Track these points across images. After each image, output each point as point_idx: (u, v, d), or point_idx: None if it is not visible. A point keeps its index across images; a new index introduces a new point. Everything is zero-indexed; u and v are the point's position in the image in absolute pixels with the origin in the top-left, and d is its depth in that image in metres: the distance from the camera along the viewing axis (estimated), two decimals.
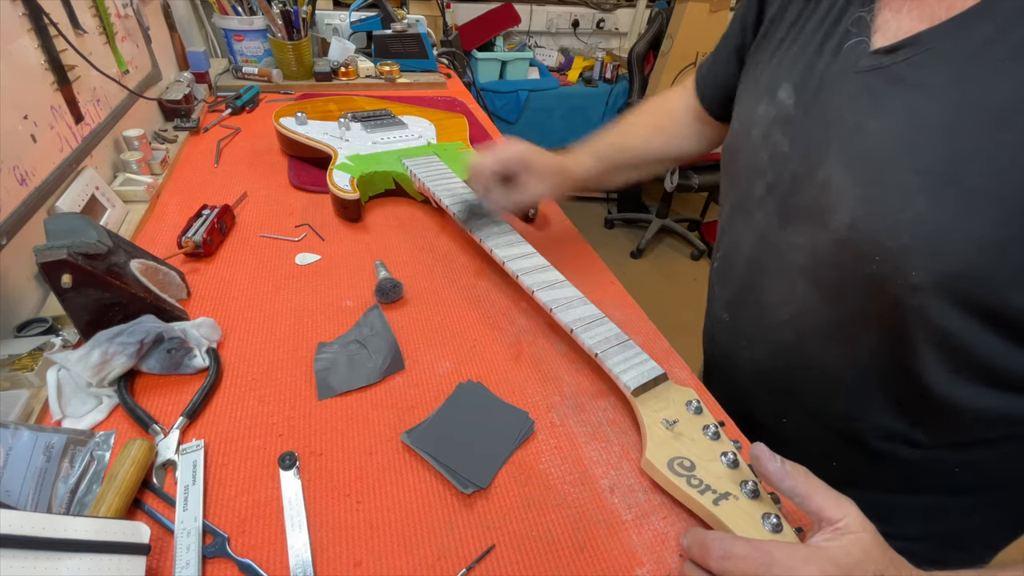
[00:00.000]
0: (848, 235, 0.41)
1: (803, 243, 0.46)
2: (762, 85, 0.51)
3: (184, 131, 0.94)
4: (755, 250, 0.52)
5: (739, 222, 0.54)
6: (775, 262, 0.50)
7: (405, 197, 0.81)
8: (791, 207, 0.47)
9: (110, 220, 0.67)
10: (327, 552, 0.37)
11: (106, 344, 0.45)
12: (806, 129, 0.45)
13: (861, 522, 0.34)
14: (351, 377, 0.50)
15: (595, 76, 2.52)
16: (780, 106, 0.47)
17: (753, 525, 0.36)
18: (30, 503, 0.37)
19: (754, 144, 0.50)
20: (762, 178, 0.50)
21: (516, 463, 0.44)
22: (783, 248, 0.48)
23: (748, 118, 0.52)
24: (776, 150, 0.48)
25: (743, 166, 0.53)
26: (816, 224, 0.44)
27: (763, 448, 0.36)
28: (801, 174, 0.45)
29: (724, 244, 0.58)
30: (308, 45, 1.20)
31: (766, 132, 0.49)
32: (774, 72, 0.49)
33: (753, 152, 0.51)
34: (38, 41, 0.63)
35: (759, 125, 0.50)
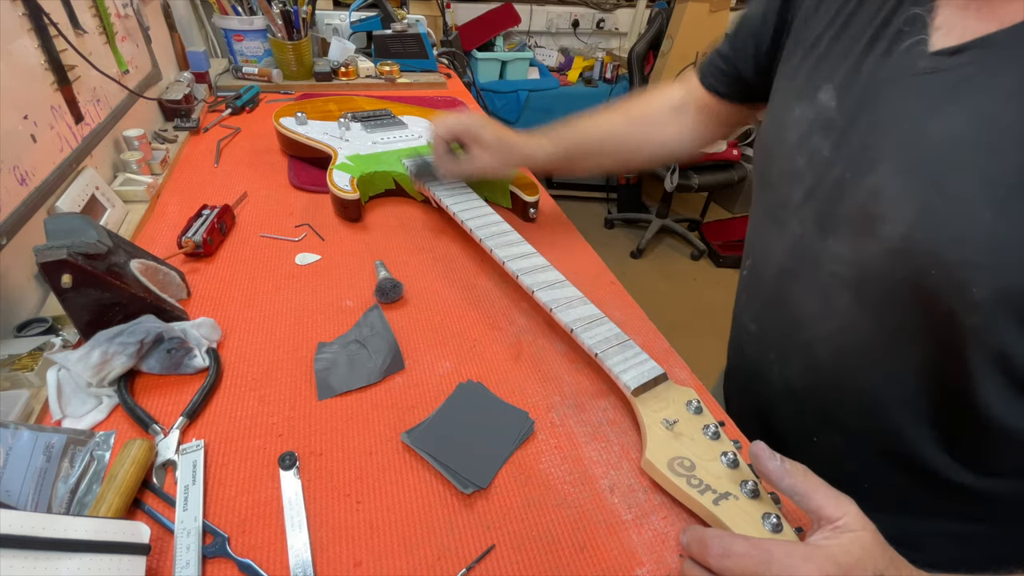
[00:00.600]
0: (902, 246, 0.39)
1: (846, 254, 0.43)
2: (797, 85, 0.48)
3: (184, 131, 0.94)
4: (789, 259, 0.49)
5: (771, 229, 0.52)
6: (812, 273, 0.47)
7: (405, 197, 0.81)
8: (833, 215, 0.44)
9: (110, 220, 0.67)
10: (327, 552, 0.37)
11: (106, 344, 0.45)
12: (852, 133, 0.43)
13: (861, 520, 0.33)
14: (351, 377, 0.50)
15: (595, 76, 2.52)
16: (821, 108, 0.45)
17: (753, 525, 0.36)
18: (30, 503, 0.37)
19: (789, 148, 0.48)
20: (799, 184, 0.47)
21: (516, 463, 0.44)
22: (822, 258, 0.46)
23: (782, 120, 0.49)
24: (816, 154, 0.45)
25: (777, 170, 0.50)
26: (863, 234, 0.42)
27: (762, 446, 0.36)
28: (846, 181, 0.43)
29: (755, 252, 0.56)
30: (308, 45, 1.20)
31: (804, 135, 0.46)
32: (812, 72, 0.47)
33: (788, 156, 0.48)
34: (38, 41, 0.63)
35: (796, 128, 0.47)
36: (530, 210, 0.76)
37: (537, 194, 0.75)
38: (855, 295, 0.44)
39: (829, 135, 0.44)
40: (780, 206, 0.50)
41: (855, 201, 0.42)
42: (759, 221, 0.55)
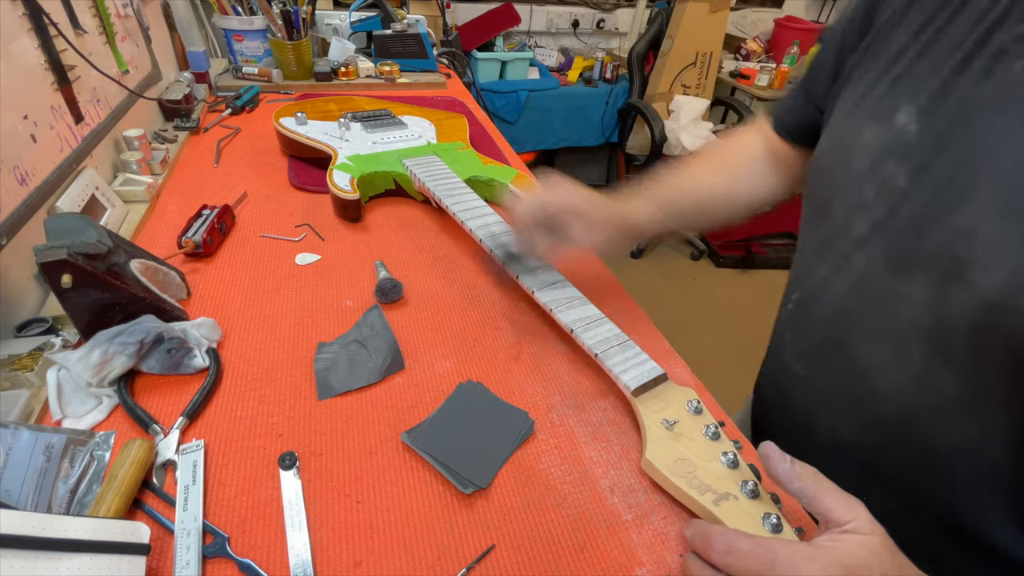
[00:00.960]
0: (1000, 297, 0.34)
1: (924, 299, 0.39)
2: (869, 104, 0.43)
3: (184, 131, 0.94)
4: (848, 299, 0.44)
5: (826, 263, 0.47)
6: (877, 317, 0.42)
7: (405, 197, 0.81)
8: (908, 254, 0.39)
9: (110, 220, 0.67)
10: (327, 552, 0.37)
11: (106, 344, 0.45)
12: (936, 163, 0.38)
13: (871, 525, 0.33)
14: (351, 377, 0.50)
15: (595, 76, 2.52)
16: (897, 132, 0.40)
17: (753, 525, 0.36)
18: (30, 503, 0.37)
19: (855, 174, 0.43)
20: (865, 215, 0.42)
21: (516, 463, 0.44)
22: (892, 301, 0.41)
23: (847, 142, 0.44)
24: (889, 183, 0.40)
25: (838, 198, 0.45)
26: (948, 278, 0.37)
27: (772, 447, 0.35)
28: (927, 216, 0.38)
29: (803, 286, 0.50)
30: (308, 45, 1.20)
31: (875, 162, 0.41)
32: (889, 91, 0.42)
33: (853, 183, 0.43)
34: (38, 41, 0.63)
35: (864, 152, 0.42)
36: None
37: None
38: (933, 347, 0.39)
39: (906, 163, 0.39)
40: (839, 237, 0.45)
41: (939, 240, 0.37)
42: (811, 252, 0.49)
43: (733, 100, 2.54)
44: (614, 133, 2.58)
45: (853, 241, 0.44)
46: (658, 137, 2.23)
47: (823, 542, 0.32)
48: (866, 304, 0.43)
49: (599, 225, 0.53)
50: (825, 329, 0.47)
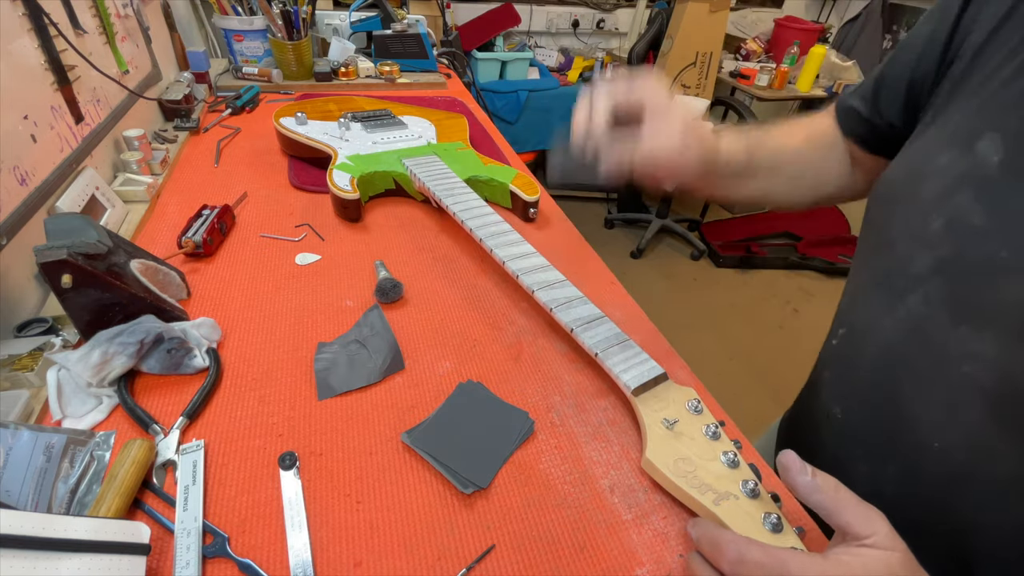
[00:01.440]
0: None
1: (989, 354, 0.34)
2: (950, 130, 0.39)
3: (184, 131, 0.94)
4: (903, 342, 0.40)
5: (880, 298, 0.43)
6: (934, 367, 0.38)
7: (405, 197, 0.81)
8: (974, 301, 0.35)
9: (110, 220, 0.67)
10: (327, 552, 0.37)
11: (106, 344, 0.45)
12: (1013, 198, 0.34)
13: (892, 540, 0.31)
14: (351, 377, 0.50)
15: (595, 76, 2.52)
16: (978, 162, 0.36)
17: (753, 525, 0.36)
18: (30, 503, 0.37)
19: (923, 203, 0.39)
20: (927, 250, 0.38)
21: (516, 463, 0.44)
22: (951, 352, 0.37)
23: (920, 168, 0.40)
24: (960, 218, 0.36)
25: (899, 228, 0.41)
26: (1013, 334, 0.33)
27: (793, 457, 0.33)
28: (1007, 263, 0.34)
29: (852, 321, 0.46)
30: (308, 45, 1.20)
31: (947, 191, 0.37)
32: (975, 116, 0.37)
33: (920, 213, 0.39)
34: (38, 41, 0.63)
35: (937, 180, 0.38)
36: (530, 210, 0.76)
37: (537, 194, 0.75)
38: (993, 409, 0.35)
39: (983, 197, 0.35)
40: (897, 272, 0.41)
41: (1015, 292, 0.33)
42: (863, 285, 0.46)
43: (733, 100, 2.54)
44: None
45: (911, 277, 0.39)
46: None
47: (838, 554, 0.31)
48: (921, 351, 0.39)
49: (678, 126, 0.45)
50: (872, 373, 0.43)
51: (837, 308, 0.50)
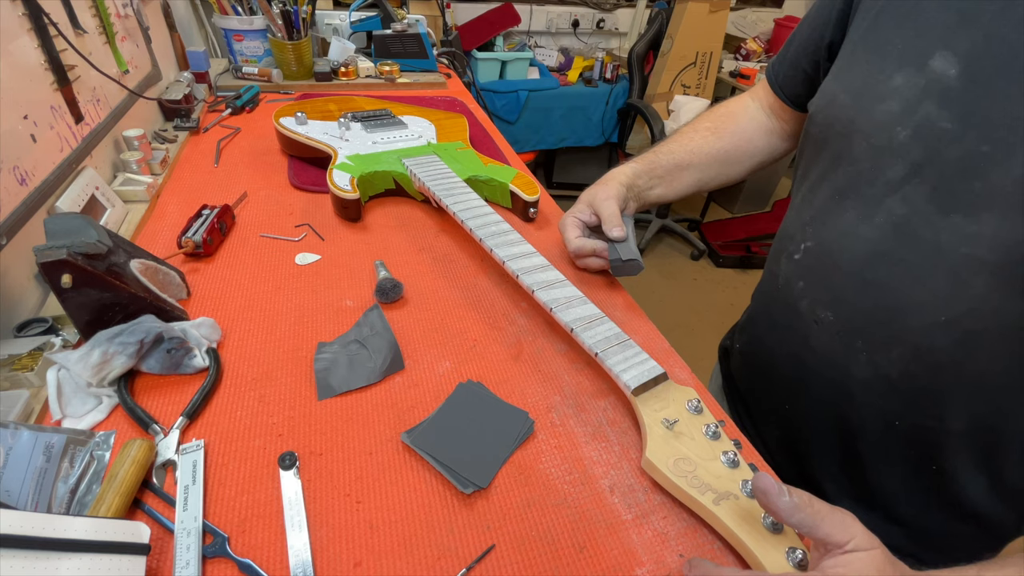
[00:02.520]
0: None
1: (989, 234, 0.39)
2: (894, 53, 0.44)
3: (184, 131, 0.94)
4: (885, 242, 0.45)
5: (850, 209, 0.47)
6: (926, 256, 0.43)
7: (405, 197, 0.81)
8: (962, 192, 0.40)
9: (110, 220, 0.67)
10: (327, 552, 0.37)
11: (106, 344, 0.45)
12: (989, 104, 0.39)
13: (868, 539, 0.33)
14: (351, 377, 0.50)
15: (595, 76, 2.52)
16: (934, 77, 0.41)
17: (753, 525, 0.36)
18: (30, 503, 0.37)
19: (883, 120, 0.44)
20: (899, 159, 0.43)
21: (516, 463, 0.44)
22: (943, 239, 0.42)
23: (871, 90, 0.45)
24: (928, 127, 0.41)
25: (858, 144, 0.46)
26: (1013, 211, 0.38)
27: (770, 482, 0.34)
28: (987, 156, 0.39)
29: (819, 235, 0.51)
30: (308, 45, 1.20)
31: (909, 106, 0.42)
32: (915, 39, 0.43)
33: (883, 129, 0.44)
34: (38, 41, 0.63)
35: (895, 98, 0.43)
36: (530, 210, 0.76)
37: (537, 194, 0.75)
38: (998, 279, 0.40)
39: (950, 106, 0.40)
40: (866, 183, 0.46)
41: (1007, 176, 0.38)
42: (826, 201, 0.50)
43: None
44: (614, 133, 2.58)
45: (883, 185, 0.44)
46: (658, 137, 2.23)
47: (830, 568, 0.32)
48: (908, 246, 0.43)
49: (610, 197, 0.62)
50: (858, 274, 0.47)
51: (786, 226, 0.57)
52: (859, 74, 0.48)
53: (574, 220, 0.64)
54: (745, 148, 0.68)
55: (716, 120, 0.70)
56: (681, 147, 0.69)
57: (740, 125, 0.68)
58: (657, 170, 0.68)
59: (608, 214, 0.61)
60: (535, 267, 0.57)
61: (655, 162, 0.68)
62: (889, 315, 0.46)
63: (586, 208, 0.64)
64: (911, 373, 0.47)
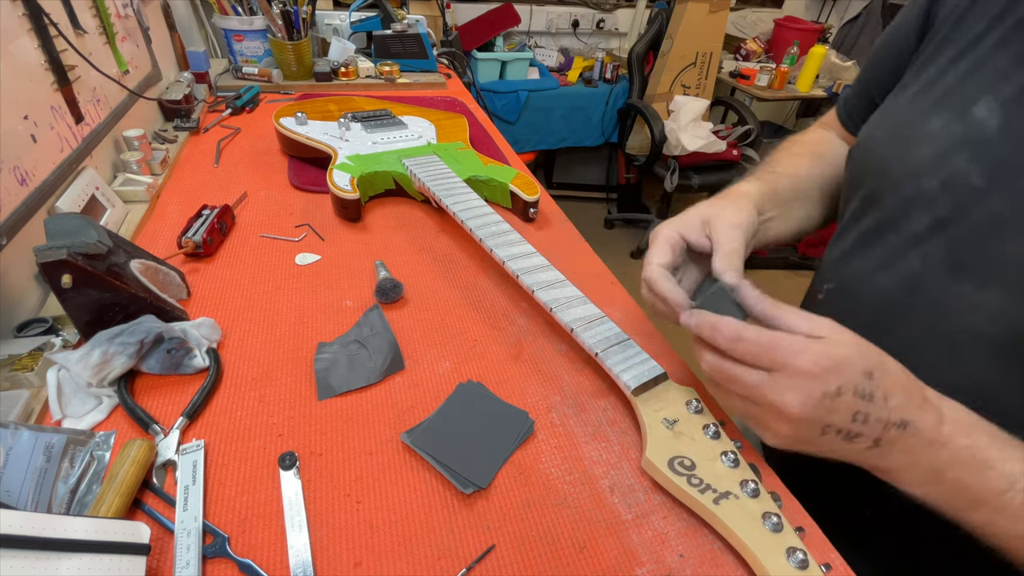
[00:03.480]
0: None
1: (994, 307, 0.37)
2: (937, 94, 0.41)
3: (184, 131, 0.94)
4: (898, 294, 0.43)
5: (872, 256, 0.45)
6: (929, 317, 0.41)
7: (405, 197, 0.81)
8: (976, 258, 0.38)
9: (110, 220, 0.67)
10: (327, 552, 0.37)
11: (106, 344, 0.45)
12: (1012, 159, 0.36)
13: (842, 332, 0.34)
14: (351, 377, 0.50)
15: (595, 76, 2.52)
16: (974, 125, 0.37)
17: (753, 524, 0.36)
18: (30, 503, 0.37)
19: (915, 167, 0.41)
20: (925, 210, 0.40)
21: (516, 463, 0.44)
22: (950, 304, 0.39)
23: (909, 131, 0.42)
24: (958, 179, 0.38)
25: (890, 190, 0.43)
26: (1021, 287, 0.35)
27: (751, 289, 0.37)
28: (1009, 221, 0.36)
29: (840, 274, 0.49)
30: (308, 45, 1.20)
31: (943, 154, 0.39)
32: (963, 80, 0.39)
33: (913, 176, 0.41)
34: (38, 41, 0.63)
35: (931, 143, 0.40)
36: (530, 210, 0.76)
37: (537, 194, 0.75)
38: (999, 356, 0.37)
39: (982, 159, 0.37)
40: (891, 231, 0.43)
41: (1019, 247, 0.35)
42: (853, 242, 0.48)
43: (733, 100, 2.54)
44: (614, 133, 2.58)
45: (907, 235, 0.42)
46: (658, 137, 2.23)
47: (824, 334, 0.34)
48: (918, 303, 0.41)
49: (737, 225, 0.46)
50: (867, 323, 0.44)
51: (819, 265, 0.54)
52: (900, 112, 0.44)
53: (674, 236, 0.46)
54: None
55: (808, 146, 0.59)
56: (794, 170, 0.56)
57: (833, 150, 0.58)
58: (779, 196, 0.53)
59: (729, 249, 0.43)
60: (535, 267, 0.58)
61: (776, 185, 0.54)
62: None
63: (699, 225, 0.46)
64: None
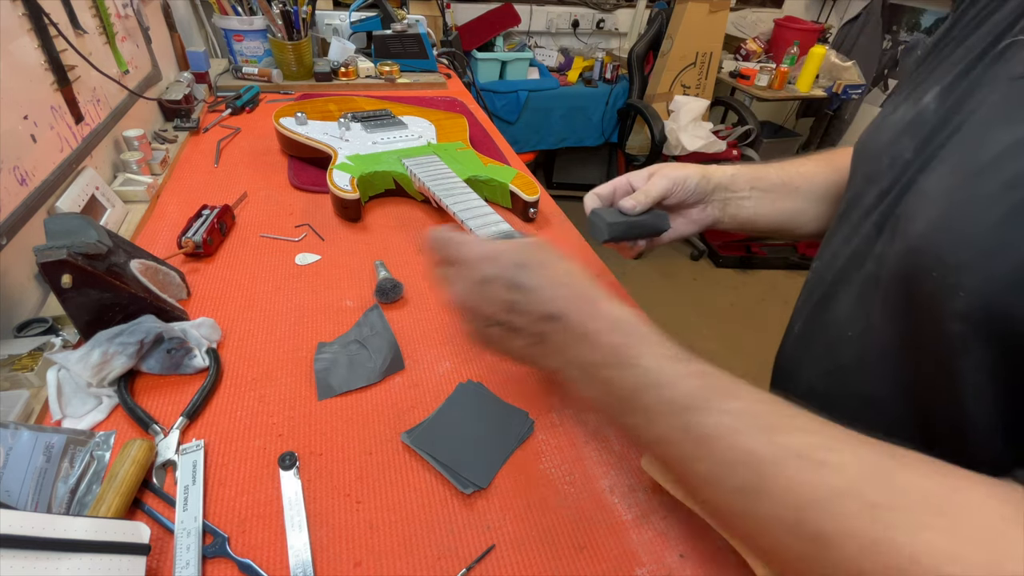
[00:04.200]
0: (917, 244, 0.37)
1: (881, 252, 0.42)
2: (909, 88, 0.47)
3: (184, 131, 0.94)
4: (846, 263, 0.47)
5: (840, 232, 0.50)
6: (856, 273, 0.46)
7: (405, 197, 0.81)
8: (889, 217, 0.43)
9: (110, 220, 0.67)
10: (327, 552, 0.37)
11: (106, 344, 0.45)
12: (936, 135, 0.41)
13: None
14: (351, 377, 0.50)
15: (595, 76, 2.52)
16: (921, 110, 0.43)
17: None
18: (30, 503, 0.37)
19: (877, 150, 0.46)
20: (876, 186, 0.45)
21: (516, 463, 0.44)
22: (867, 257, 0.44)
23: (882, 122, 0.48)
24: (899, 157, 0.44)
25: (862, 172, 0.49)
26: (895, 231, 0.41)
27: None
28: (912, 182, 0.41)
29: (821, 254, 0.53)
30: (308, 45, 1.20)
31: (896, 137, 0.45)
32: (926, 76, 0.45)
33: (876, 157, 0.46)
34: (38, 41, 0.63)
35: (891, 129, 0.46)
36: (530, 210, 0.76)
37: (537, 194, 0.75)
38: (882, 296, 0.42)
39: (916, 137, 0.42)
40: (854, 208, 0.48)
41: (909, 202, 0.41)
42: (834, 224, 0.52)
43: (733, 100, 2.54)
44: (614, 133, 2.58)
45: (863, 210, 0.46)
46: (658, 137, 2.23)
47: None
48: (855, 265, 0.46)
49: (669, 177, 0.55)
50: (824, 290, 0.50)
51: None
52: (884, 107, 0.50)
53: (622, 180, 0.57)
54: None
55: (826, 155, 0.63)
56: (794, 168, 0.61)
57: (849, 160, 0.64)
58: (763, 181, 0.59)
59: (644, 189, 0.54)
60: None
61: (763, 172, 0.60)
62: (826, 328, 0.49)
63: (646, 175, 0.56)
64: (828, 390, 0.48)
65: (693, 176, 0.56)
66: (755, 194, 0.59)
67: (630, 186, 0.56)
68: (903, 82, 0.50)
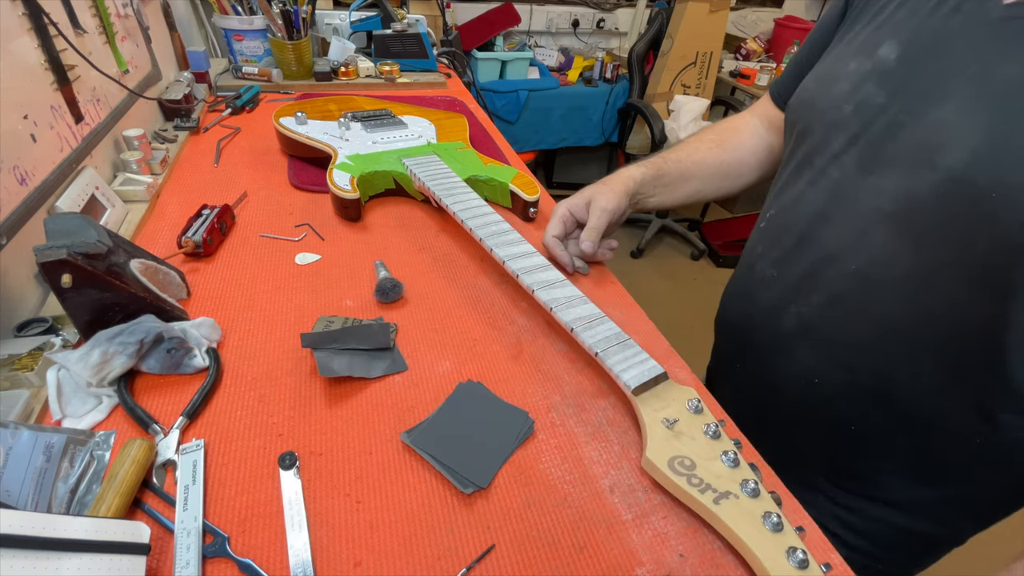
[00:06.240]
0: (963, 173, 0.41)
1: (892, 188, 0.46)
2: (855, 46, 0.52)
3: (184, 131, 0.94)
4: (822, 204, 0.52)
5: (804, 178, 0.54)
6: (845, 212, 0.50)
7: (405, 197, 0.81)
8: (880, 155, 0.47)
9: (110, 220, 0.67)
10: (327, 552, 0.37)
11: (106, 344, 0.45)
12: (913, 80, 0.46)
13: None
14: (353, 366, 0.49)
15: (595, 76, 2.52)
16: (879, 61, 0.48)
17: (753, 524, 0.36)
18: (30, 503, 0.37)
19: (835, 99, 0.51)
20: (842, 131, 0.50)
21: (516, 463, 0.44)
22: (860, 197, 0.48)
23: (831, 75, 0.53)
24: (866, 102, 0.48)
25: (817, 122, 0.53)
26: (917, 167, 0.44)
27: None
28: (901, 122, 0.46)
29: (778, 202, 0.58)
30: (308, 45, 1.20)
31: (856, 86, 0.49)
32: (874, 34, 0.50)
33: (834, 106, 0.51)
34: (38, 41, 0.63)
35: (847, 80, 0.50)
36: (530, 210, 0.76)
37: (537, 194, 0.75)
38: (896, 229, 0.46)
39: (885, 84, 0.47)
40: (817, 154, 0.53)
41: (913, 138, 0.45)
42: (788, 174, 0.57)
43: (733, 100, 2.54)
44: (614, 133, 2.58)
45: (829, 156, 0.51)
46: (658, 137, 2.23)
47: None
48: (836, 205, 0.50)
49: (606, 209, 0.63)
50: (799, 233, 0.54)
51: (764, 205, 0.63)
52: (826, 65, 0.55)
53: (566, 214, 0.66)
54: (747, 161, 0.71)
55: (720, 134, 0.72)
56: (688, 157, 0.70)
57: (743, 140, 0.71)
58: (664, 178, 0.69)
59: (591, 226, 0.63)
60: (535, 267, 0.57)
61: (663, 170, 0.69)
62: (814, 268, 0.52)
63: (584, 205, 0.65)
64: (825, 322, 0.52)
65: (623, 202, 0.65)
66: (658, 190, 0.69)
67: (571, 215, 0.65)
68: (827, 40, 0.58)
